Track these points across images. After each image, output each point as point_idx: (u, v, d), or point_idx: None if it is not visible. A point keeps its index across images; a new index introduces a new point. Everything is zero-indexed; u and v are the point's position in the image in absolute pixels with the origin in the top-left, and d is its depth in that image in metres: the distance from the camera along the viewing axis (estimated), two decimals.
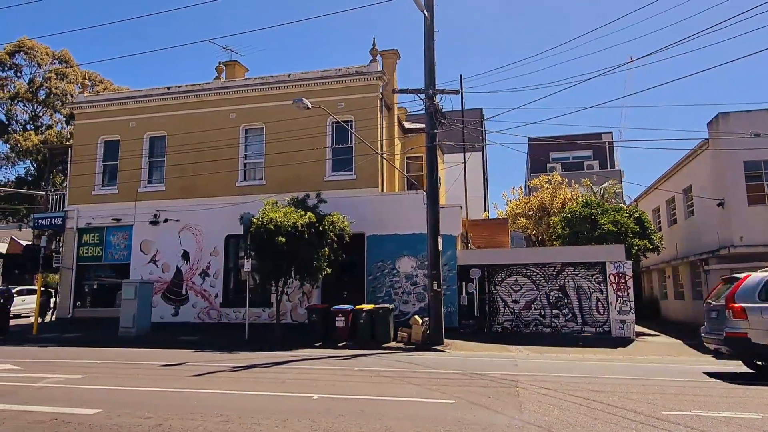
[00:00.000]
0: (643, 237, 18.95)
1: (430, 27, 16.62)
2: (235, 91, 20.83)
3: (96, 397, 7.90)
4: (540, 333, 17.19)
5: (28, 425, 6.26)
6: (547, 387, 8.22)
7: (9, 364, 11.44)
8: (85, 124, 22.31)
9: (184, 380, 9.29)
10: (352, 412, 6.67)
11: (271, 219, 15.94)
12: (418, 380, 9.03)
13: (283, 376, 9.69)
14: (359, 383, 8.87)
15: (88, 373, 10.04)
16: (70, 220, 21.58)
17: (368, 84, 19.76)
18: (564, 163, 38.02)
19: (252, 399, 7.65)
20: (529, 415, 6.46)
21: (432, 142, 16.38)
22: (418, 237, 18.12)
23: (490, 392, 7.84)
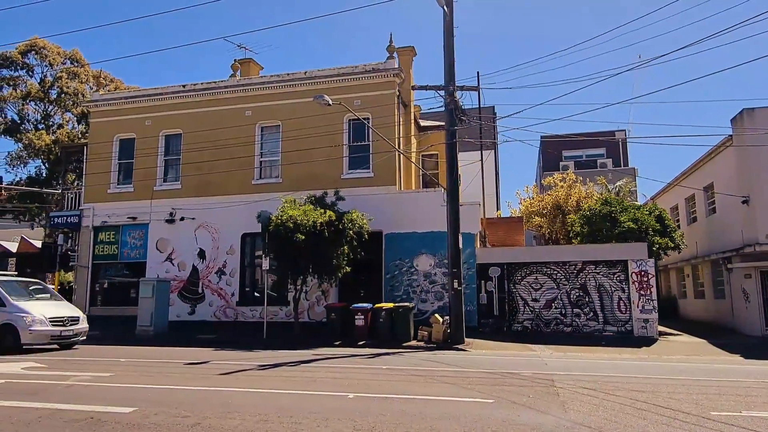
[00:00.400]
0: (664, 235, 18.68)
1: (449, 23, 16.47)
2: (251, 89, 20.73)
3: (127, 395, 7.79)
4: (561, 332, 17.00)
5: (65, 424, 6.16)
6: (585, 387, 8.04)
7: (30, 361, 11.38)
8: (101, 123, 22.28)
9: (213, 379, 9.17)
10: (392, 411, 6.52)
11: (290, 217, 15.84)
12: (450, 379, 8.88)
13: (312, 374, 9.56)
14: (392, 382, 8.72)
15: (115, 371, 9.95)
16: (86, 218, 21.56)
17: (385, 81, 19.61)
18: (577, 161, 37.71)
19: (286, 397, 7.52)
20: (575, 415, 6.30)
21: (452, 139, 16.24)
22: (436, 235, 17.96)
23: (528, 391, 7.68)
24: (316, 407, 6.83)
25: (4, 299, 13.66)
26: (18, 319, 13.27)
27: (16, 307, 13.58)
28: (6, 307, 13.54)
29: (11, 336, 13.16)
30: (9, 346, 13.07)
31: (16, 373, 9.77)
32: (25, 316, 13.34)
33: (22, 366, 10.62)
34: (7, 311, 13.45)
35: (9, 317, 13.35)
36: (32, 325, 13.30)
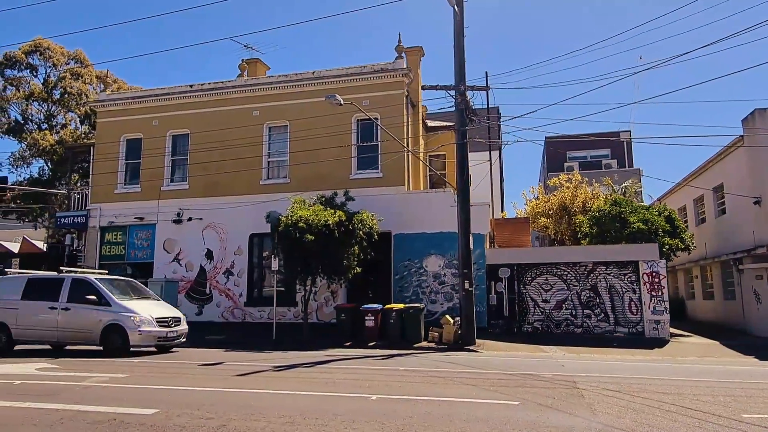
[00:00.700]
0: (674, 236, 18.62)
1: (459, 22, 16.41)
2: (259, 89, 20.67)
3: (147, 396, 7.72)
4: (571, 333, 16.93)
5: (88, 426, 6.08)
6: (608, 388, 7.97)
7: (44, 362, 11.30)
8: (107, 123, 22.22)
9: (230, 380, 9.09)
10: (418, 413, 6.44)
11: (300, 217, 15.77)
12: (470, 380, 8.81)
13: (329, 376, 9.48)
14: (412, 384, 8.64)
15: (129, 372, 9.87)
16: (93, 218, 21.50)
17: (394, 81, 19.56)
18: (582, 162, 37.60)
19: (308, 399, 7.44)
20: (605, 417, 6.23)
21: (463, 139, 16.17)
22: (445, 235, 17.90)
23: (552, 393, 7.61)
24: (340, 409, 6.75)
25: (109, 298, 12.91)
26: (126, 319, 12.54)
27: (122, 306, 12.86)
28: (111, 306, 12.80)
29: (118, 337, 12.47)
30: (116, 347, 12.41)
31: (31, 374, 9.70)
32: (133, 316, 12.59)
33: (36, 367, 10.55)
34: (113, 311, 12.72)
35: (115, 317, 12.62)
36: (141, 326, 12.54)
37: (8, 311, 13.48)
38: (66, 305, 13.04)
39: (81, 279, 13.56)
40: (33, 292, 13.57)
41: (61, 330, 13.03)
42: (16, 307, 13.46)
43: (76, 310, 12.93)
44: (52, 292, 13.31)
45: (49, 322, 13.10)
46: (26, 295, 13.56)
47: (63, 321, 12.96)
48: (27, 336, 13.46)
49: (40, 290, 13.60)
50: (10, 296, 13.69)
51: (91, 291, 13.00)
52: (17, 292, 13.66)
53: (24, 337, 13.48)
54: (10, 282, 14.34)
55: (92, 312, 12.78)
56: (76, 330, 12.94)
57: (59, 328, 13.03)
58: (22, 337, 13.45)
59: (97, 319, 12.70)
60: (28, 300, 13.47)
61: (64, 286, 13.24)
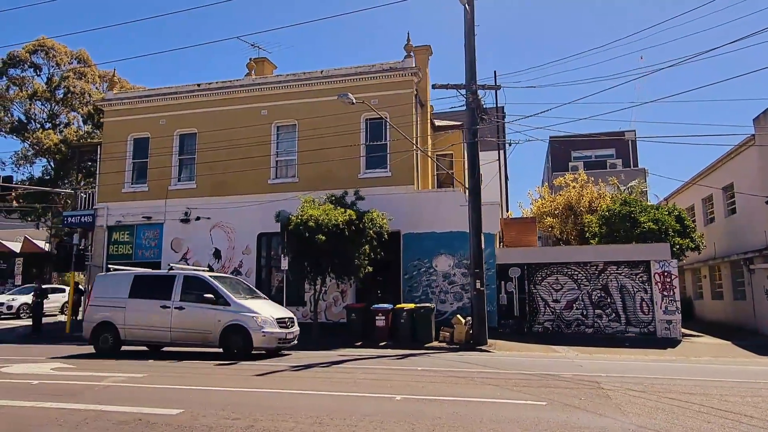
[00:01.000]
0: (684, 236, 18.57)
1: (470, 21, 16.36)
2: (267, 88, 20.58)
3: (168, 396, 7.65)
4: (582, 333, 16.86)
5: (114, 426, 6.01)
6: (632, 389, 7.91)
7: (58, 362, 11.23)
8: (114, 122, 22.13)
9: (250, 380, 9.03)
10: (446, 414, 6.38)
11: (311, 216, 15.70)
12: (491, 381, 8.74)
13: (348, 375, 9.42)
14: (433, 384, 8.57)
15: (147, 372, 9.80)
16: (100, 217, 21.40)
17: (403, 80, 19.48)
18: (586, 161, 37.54)
19: (332, 399, 7.38)
20: (636, 418, 6.16)
21: (474, 138, 16.12)
22: (455, 235, 17.84)
23: (578, 393, 7.54)
24: (367, 409, 6.69)
25: (228, 297, 12.14)
26: (248, 319, 11.76)
27: (241, 305, 12.12)
28: (231, 306, 12.02)
29: (240, 338, 11.68)
30: (237, 349, 11.64)
31: (47, 374, 9.63)
32: (255, 317, 11.81)
33: (51, 366, 10.48)
34: (233, 311, 11.94)
35: (236, 317, 11.82)
36: (264, 327, 11.78)
37: (115, 310, 12.66)
38: (180, 304, 12.22)
39: (194, 276, 12.82)
40: (141, 290, 12.79)
41: (175, 330, 12.16)
42: (122, 305, 12.62)
43: (191, 309, 12.11)
44: (162, 290, 12.56)
45: (161, 322, 12.23)
46: (134, 293, 12.75)
47: (177, 321, 12.11)
48: (136, 337, 12.58)
49: (148, 288, 12.86)
50: (115, 294, 12.84)
51: (207, 289, 12.23)
52: (123, 291, 12.81)
53: (133, 338, 12.60)
54: (114, 279, 13.44)
55: (209, 311, 11.95)
56: (191, 331, 12.08)
57: (173, 329, 12.16)
58: (131, 337, 12.59)
59: (216, 319, 11.87)
60: (137, 298, 12.67)
61: (176, 284, 12.44)
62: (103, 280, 13.64)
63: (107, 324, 12.68)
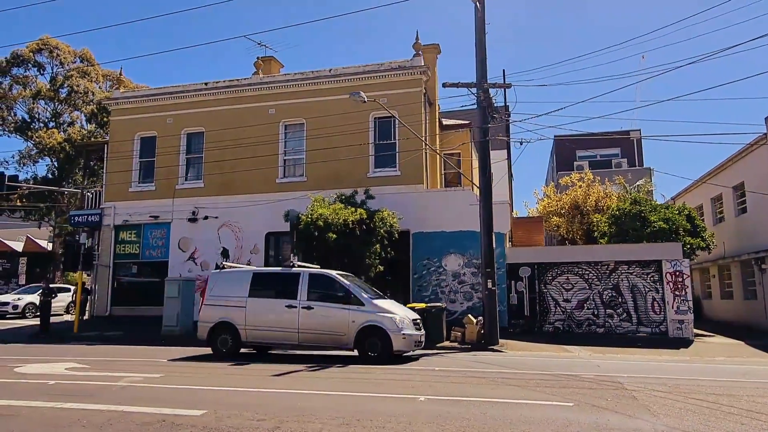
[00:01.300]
0: (695, 235, 18.49)
1: (481, 18, 16.29)
2: (275, 87, 20.50)
3: (188, 397, 7.57)
4: (593, 333, 16.78)
5: (138, 427, 5.93)
6: (656, 389, 7.83)
7: (71, 362, 11.13)
8: (121, 120, 22.04)
9: (268, 380, 8.95)
10: (474, 415, 6.30)
11: (321, 215, 15.63)
12: (512, 381, 8.66)
13: (366, 376, 9.34)
14: (455, 384, 8.49)
15: (162, 372, 9.72)
16: (107, 217, 21.32)
17: (411, 79, 19.40)
18: (591, 161, 37.44)
19: (355, 400, 7.30)
20: (667, 419, 6.08)
21: (485, 136, 16.05)
22: (465, 234, 17.77)
23: (603, 394, 7.46)
24: (393, 410, 6.61)
25: (361, 297, 11.47)
26: (386, 320, 11.02)
27: (376, 305, 11.43)
28: (365, 306, 11.30)
29: (378, 341, 10.92)
30: (375, 352, 10.89)
31: (63, 374, 9.55)
32: (393, 317, 11.11)
33: (66, 366, 10.39)
34: (367, 311, 11.21)
35: (372, 318, 11.08)
36: (403, 329, 11.05)
37: (235, 310, 11.95)
38: (308, 303, 11.53)
39: (321, 274, 12.22)
40: (261, 289, 12.17)
41: (303, 332, 11.42)
42: (242, 305, 11.93)
43: (321, 309, 11.43)
44: (286, 288, 11.95)
45: (287, 323, 11.52)
46: (254, 291, 12.09)
47: (306, 322, 11.40)
48: (258, 338, 11.87)
49: (270, 286, 12.29)
50: (233, 293, 12.16)
51: (338, 288, 11.66)
52: (242, 289, 12.14)
53: (255, 339, 11.91)
54: (230, 277, 12.70)
55: (342, 312, 11.27)
56: (321, 332, 11.36)
57: (301, 330, 11.43)
58: (253, 339, 11.89)
59: (350, 320, 11.14)
60: (258, 297, 12.01)
61: (302, 282, 11.76)
62: (218, 277, 12.77)
63: (226, 324, 11.95)
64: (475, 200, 17.21)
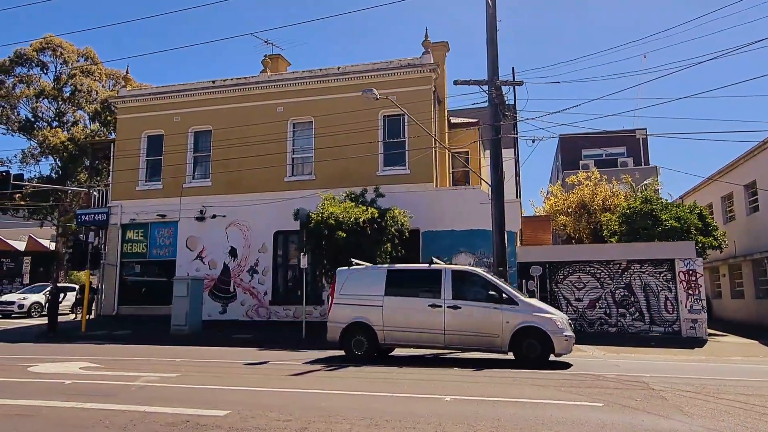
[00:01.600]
0: (707, 234, 18.36)
1: (492, 16, 16.18)
2: (283, 85, 20.38)
3: (209, 397, 7.44)
4: (605, 332, 16.65)
5: (163, 428, 5.81)
6: (683, 389, 7.71)
7: (84, 361, 11.01)
8: (128, 119, 21.92)
9: (287, 380, 8.82)
10: (504, 415, 6.17)
11: (331, 214, 15.50)
12: (536, 381, 8.52)
13: (386, 375, 9.22)
14: (477, 384, 8.36)
15: (176, 371, 9.59)
16: (114, 215, 21.20)
17: (421, 76, 19.28)
18: (597, 159, 37.34)
19: (379, 400, 7.18)
20: (702, 420, 5.96)
21: (497, 134, 15.92)
22: (475, 233, 17.66)
23: (630, 394, 7.34)
24: (419, 410, 6.48)
25: (513, 296, 10.75)
26: (545, 321, 10.24)
27: (531, 305, 10.77)
28: (518, 305, 10.55)
29: (537, 343, 10.15)
30: (534, 356, 10.08)
31: (78, 374, 9.42)
32: (553, 317, 10.39)
33: (79, 366, 10.27)
34: (522, 311, 10.46)
35: (529, 319, 10.31)
36: (564, 330, 10.31)
37: (370, 309, 11.21)
38: (453, 303, 10.74)
39: (465, 271, 11.58)
40: (398, 287, 11.40)
41: (450, 333, 10.65)
42: (378, 304, 11.19)
43: (469, 309, 10.66)
44: (426, 286, 11.21)
45: (431, 324, 10.75)
46: (390, 290, 11.32)
47: (452, 322, 10.63)
48: (398, 340, 11.13)
49: (407, 284, 11.54)
50: (366, 291, 11.44)
51: (487, 286, 10.91)
52: (376, 287, 11.40)
53: (394, 341, 11.16)
54: (361, 275, 12.04)
55: (493, 312, 10.50)
56: (470, 334, 10.59)
57: (448, 331, 10.65)
58: (392, 340, 11.13)
59: (503, 320, 10.38)
60: (396, 296, 11.24)
61: (444, 280, 10.97)
62: (347, 275, 12.08)
63: (360, 325, 11.21)
64: (485, 199, 17.08)
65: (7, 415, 6.47)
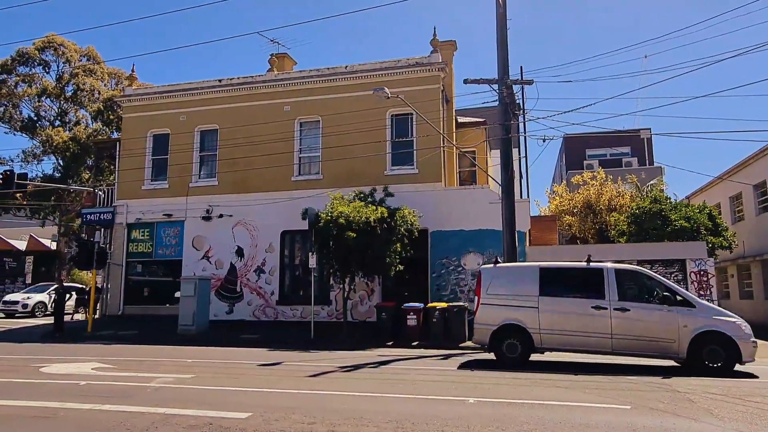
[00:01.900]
0: (716, 234, 18.28)
1: (503, 15, 16.08)
2: (290, 84, 20.25)
3: (228, 399, 7.32)
4: None
5: (185, 430, 5.70)
6: (708, 391, 7.61)
7: (95, 362, 10.89)
8: (134, 118, 21.77)
9: (304, 381, 8.70)
10: (532, 419, 6.06)
11: (341, 213, 15.39)
12: (557, 382, 8.41)
13: (404, 377, 9.11)
14: (499, 386, 8.24)
15: (190, 372, 9.47)
16: (119, 215, 21.05)
17: (429, 75, 19.15)
18: (601, 159, 37.25)
19: (402, 402, 7.07)
20: (735, 423, 5.86)
21: (507, 134, 15.82)
22: (484, 233, 17.56)
23: (656, 396, 7.24)
24: (445, 413, 6.37)
25: (689, 298, 10.13)
26: (729, 326, 9.55)
27: (710, 308, 10.15)
28: (695, 308, 9.83)
29: (720, 349, 9.39)
30: (718, 363, 9.33)
31: (90, 374, 9.30)
32: (737, 322, 9.72)
33: (91, 366, 10.15)
34: (700, 314, 9.72)
35: (711, 323, 9.57)
36: (751, 335, 9.62)
37: (524, 310, 10.53)
38: (620, 304, 9.98)
39: (631, 270, 10.85)
40: (554, 287, 10.67)
41: (618, 337, 9.88)
42: (533, 305, 10.49)
43: (639, 311, 9.92)
44: (586, 286, 10.51)
45: (595, 327, 9.99)
46: (545, 289, 10.60)
47: (620, 325, 9.87)
48: (557, 344, 10.38)
49: (565, 284, 10.80)
50: (519, 291, 10.75)
51: (656, 286, 10.26)
52: (529, 286, 10.71)
53: (553, 345, 10.45)
54: (511, 273, 11.42)
55: (667, 315, 9.77)
56: (640, 338, 9.82)
57: (615, 335, 9.88)
58: (550, 344, 10.43)
59: (680, 324, 9.62)
60: (552, 296, 10.52)
61: (608, 280, 10.20)
62: (493, 273, 11.39)
63: (513, 327, 10.53)
64: (494, 198, 16.98)
65: (25, 416, 6.36)
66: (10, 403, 6.95)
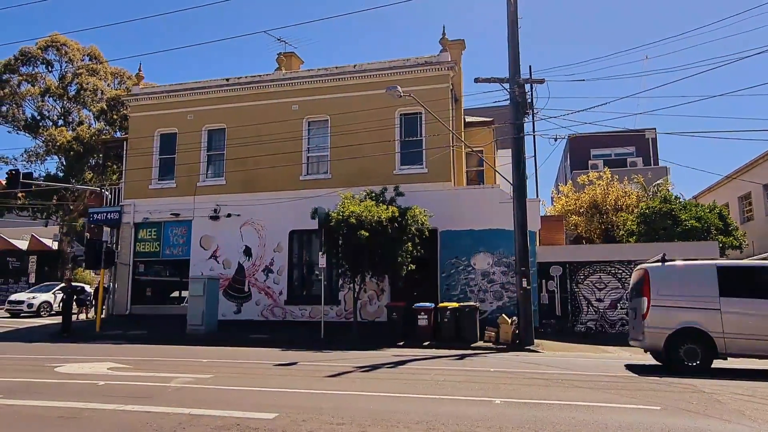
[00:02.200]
0: (727, 234, 18.21)
1: (514, 13, 16.04)
2: (298, 83, 20.18)
3: (252, 399, 7.25)
4: (627, 333, 16.44)
5: (213, 431, 5.63)
6: (736, 392, 7.55)
7: (109, 362, 10.81)
8: (141, 117, 21.71)
9: (324, 381, 8.64)
10: (563, 420, 6.00)
11: (352, 212, 15.33)
12: (578, 383, 8.36)
13: (426, 377, 9.05)
14: (522, 386, 8.18)
15: (208, 372, 9.39)
16: (127, 214, 20.98)
17: (438, 74, 19.09)
18: (606, 159, 37.12)
19: (428, 403, 7.00)
20: None
21: (518, 133, 15.76)
22: (494, 233, 17.50)
23: (684, 397, 7.18)
24: (473, 413, 6.30)
25: None
26: None
27: None
28: None
29: None
30: None
31: (107, 374, 9.23)
32: None
33: (107, 366, 10.07)
34: None
35: None
36: None
37: (703, 313, 9.79)
38: None
39: None
40: (736, 287, 9.89)
41: None
42: (714, 306, 9.76)
43: None
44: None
45: None
46: (725, 290, 9.83)
47: None
48: (744, 349, 9.70)
49: (748, 284, 10.00)
50: (695, 292, 10.00)
51: None
52: (708, 287, 9.94)
53: (739, 351, 9.75)
54: (683, 272, 10.49)
55: None
56: None
57: None
58: (737, 350, 9.71)
59: None
60: (734, 297, 9.77)
61: None
62: (663, 273, 10.55)
63: (692, 331, 9.80)
64: (505, 198, 16.93)
65: (49, 417, 6.29)
66: (33, 403, 6.88)
